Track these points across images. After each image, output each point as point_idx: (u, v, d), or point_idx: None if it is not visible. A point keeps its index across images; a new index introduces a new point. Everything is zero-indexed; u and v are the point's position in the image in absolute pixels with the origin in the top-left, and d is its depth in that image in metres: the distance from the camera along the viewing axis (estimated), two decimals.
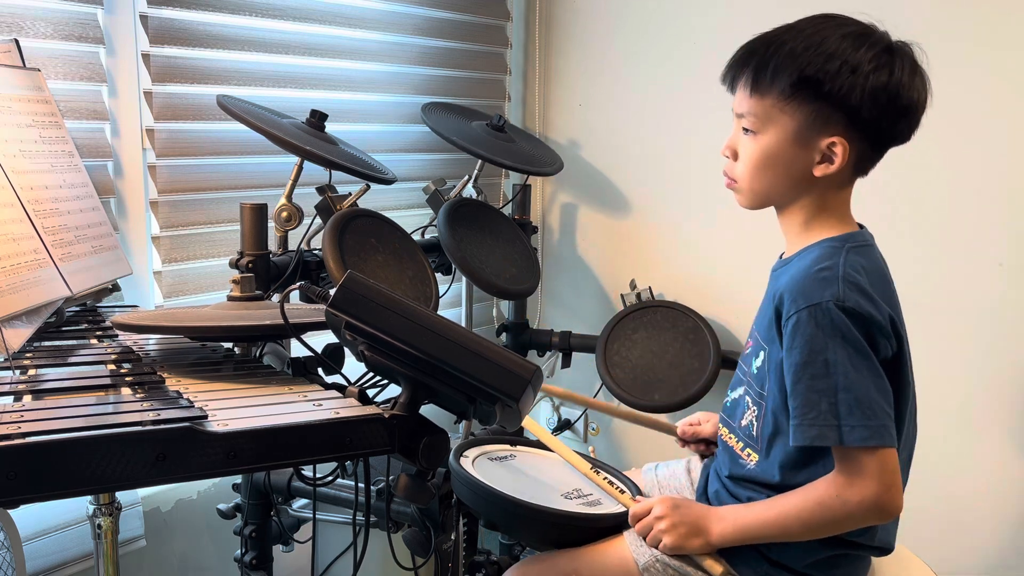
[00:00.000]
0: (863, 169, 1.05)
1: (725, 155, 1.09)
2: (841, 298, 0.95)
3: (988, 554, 1.70)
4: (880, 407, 0.95)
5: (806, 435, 0.96)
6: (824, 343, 0.95)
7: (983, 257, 1.64)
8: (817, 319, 0.95)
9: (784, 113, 1.01)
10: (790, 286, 0.99)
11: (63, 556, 1.44)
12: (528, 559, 1.15)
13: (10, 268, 1.05)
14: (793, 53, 0.99)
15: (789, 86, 0.99)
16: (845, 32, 0.99)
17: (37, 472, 0.67)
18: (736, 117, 1.07)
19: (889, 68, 0.98)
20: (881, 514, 0.97)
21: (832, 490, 0.97)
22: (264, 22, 1.67)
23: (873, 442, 0.94)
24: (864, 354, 0.95)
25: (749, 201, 1.09)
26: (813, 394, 0.95)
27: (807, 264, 1.00)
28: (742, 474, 1.08)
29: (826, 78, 0.97)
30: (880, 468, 0.95)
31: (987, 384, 1.66)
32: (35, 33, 1.35)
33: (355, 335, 0.81)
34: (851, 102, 0.97)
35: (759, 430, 1.06)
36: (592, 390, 2.08)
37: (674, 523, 1.04)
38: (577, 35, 2.19)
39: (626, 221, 2.15)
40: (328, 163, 1.46)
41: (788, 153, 1.02)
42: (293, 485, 1.40)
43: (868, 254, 1.04)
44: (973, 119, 1.61)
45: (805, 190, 1.04)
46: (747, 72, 1.03)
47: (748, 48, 1.04)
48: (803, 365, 0.96)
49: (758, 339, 1.08)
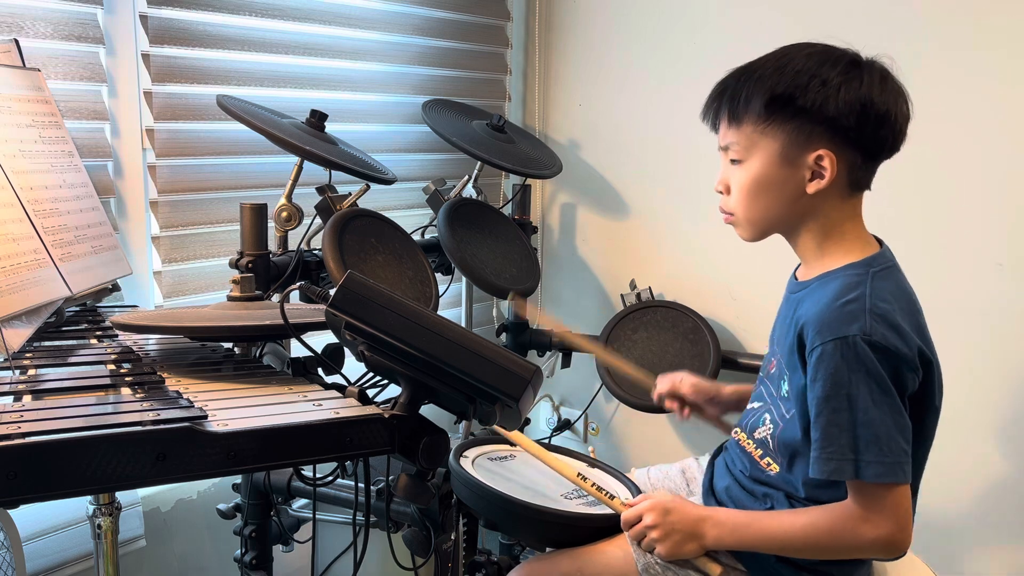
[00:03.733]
0: (859, 182, 1.03)
1: (718, 191, 1.09)
2: (868, 332, 0.94)
3: (988, 554, 1.70)
4: (898, 444, 0.95)
5: (824, 468, 0.96)
6: (848, 377, 0.95)
7: (983, 257, 1.64)
8: (843, 352, 0.95)
9: (765, 136, 1.01)
10: (815, 318, 0.98)
11: (63, 556, 1.44)
12: (529, 560, 1.15)
13: (10, 268, 1.05)
14: (763, 77, 1.01)
15: (763, 107, 1.00)
16: (810, 52, 1.01)
17: (37, 472, 0.67)
18: (722, 152, 1.07)
19: (858, 79, 0.99)
20: (890, 551, 0.98)
21: (846, 522, 0.97)
22: (264, 22, 1.67)
23: (888, 479, 0.94)
24: (886, 390, 0.95)
25: (749, 232, 1.08)
26: (833, 428, 0.96)
27: (832, 294, 0.99)
28: (763, 479, 1.09)
29: (797, 92, 0.98)
30: (895, 506, 0.96)
31: (987, 384, 1.66)
32: (35, 33, 1.35)
33: (355, 335, 0.82)
34: (828, 112, 0.98)
35: (775, 446, 1.07)
36: (592, 390, 2.08)
37: (667, 532, 1.03)
38: (577, 35, 2.19)
39: (626, 221, 2.15)
40: (328, 163, 1.46)
41: (778, 175, 1.02)
42: (293, 485, 1.39)
43: (892, 277, 1.02)
44: (973, 119, 1.61)
45: (805, 212, 1.04)
46: (723, 105, 1.05)
47: (720, 85, 1.06)
48: (825, 399, 0.96)
49: (782, 365, 1.07)
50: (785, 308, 1.11)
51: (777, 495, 1.06)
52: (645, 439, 2.17)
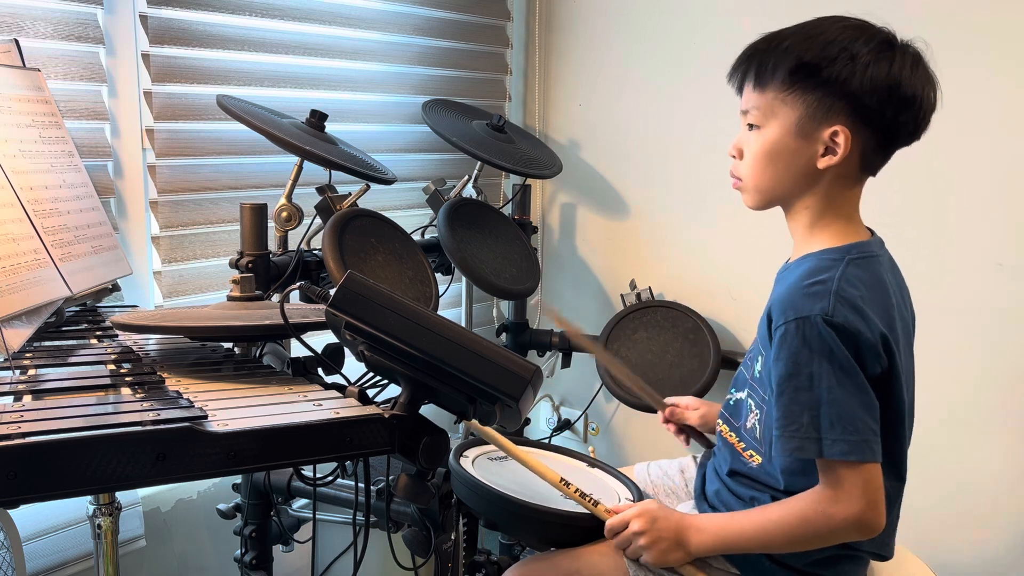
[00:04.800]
0: (871, 166, 1.03)
1: (732, 155, 1.09)
2: (830, 313, 0.94)
3: (988, 554, 1.70)
4: (864, 423, 0.94)
5: (787, 447, 0.96)
6: (809, 357, 0.94)
7: (983, 257, 1.64)
8: (804, 332, 0.95)
9: (786, 104, 1.01)
10: (780, 297, 0.99)
11: (63, 556, 1.44)
12: (528, 559, 1.15)
13: (10, 268, 1.05)
14: (792, 45, 1.00)
15: (788, 74, 0.99)
16: (844, 25, 1.00)
17: (37, 472, 0.67)
18: (742, 116, 1.07)
19: (889, 59, 0.97)
20: (863, 530, 0.97)
21: (816, 505, 0.97)
22: (264, 22, 1.67)
23: (854, 456, 0.93)
24: (849, 370, 0.94)
25: (754, 199, 1.07)
26: (795, 406, 0.95)
27: (800, 275, 1.00)
28: (745, 471, 1.08)
29: (824, 63, 0.97)
30: (864, 484, 0.94)
31: (987, 384, 1.66)
32: (35, 33, 1.35)
33: (355, 335, 0.81)
34: (851, 88, 0.97)
35: (762, 433, 1.06)
36: (592, 390, 2.08)
37: (654, 539, 1.02)
38: (577, 35, 2.19)
39: (626, 221, 2.15)
40: (328, 163, 1.46)
41: (791, 145, 1.01)
42: (293, 485, 1.40)
43: (870, 267, 1.01)
44: (973, 119, 1.61)
45: (810, 185, 1.03)
46: (751, 68, 1.04)
47: (751, 48, 1.05)
48: (787, 377, 0.96)
49: (757, 344, 1.08)
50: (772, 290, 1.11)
51: (762, 496, 1.06)
52: (645, 439, 2.18)
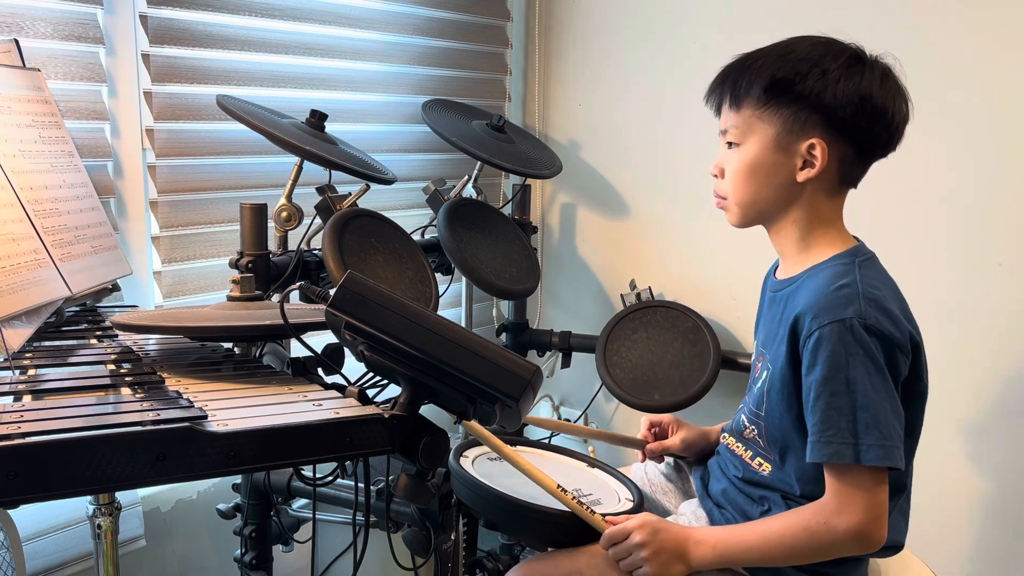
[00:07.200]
0: (850, 177, 1.05)
1: (713, 174, 1.11)
2: (864, 315, 0.95)
3: (988, 554, 1.70)
4: (894, 429, 0.95)
5: (823, 452, 0.96)
6: (846, 359, 0.95)
7: (983, 257, 1.64)
8: (840, 335, 0.95)
9: (763, 120, 1.03)
10: (811, 305, 0.99)
11: (63, 556, 1.44)
12: (528, 559, 1.15)
13: (10, 268, 1.05)
14: (765, 63, 1.03)
15: (763, 91, 1.02)
16: (814, 42, 1.04)
17: (37, 472, 0.67)
18: (721, 136, 1.09)
19: (860, 72, 1.00)
20: (865, 544, 0.97)
21: (819, 516, 0.97)
22: (264, 22, 1.67)
23: (886, 462, 0.94)
24: (883, 374, 0.96)
25: (737, 216, 1.09)
26: (832, 411, 0.96)
27: (825, 281, 1.00)
28: (757, 479, 1.09)
29: (797, 78, 1.00)
30: (871, 495, 0.95)
31: (987, 384, 1.66)
32: (35, 33, 1.35)
33: (355, 335, 0.81)
34: (825, 101, 0.99)
35: (766, 444, 1.07)
36: (592, 390, 2.08)
37: (655, 551, 1.02)
38: (577, 35, 2.19)
39: (626, 221, 2.15)
40: (328, 163, 1.46)
41: (771, 160, 1.03)
42: (293, 485, 1.39)
43: (875, 267, 1.04)
44: (973, 119, 1.61)
45: (793, 199, 1.05)
46: (726, 89, 1.07)
47: (725, 69, 1.08)
48: (824, 381, 0.96)
49: (766, 359, 1.08)
50: (771, 309, 1.11)
51: (773, 496, 1.06)
52: None
